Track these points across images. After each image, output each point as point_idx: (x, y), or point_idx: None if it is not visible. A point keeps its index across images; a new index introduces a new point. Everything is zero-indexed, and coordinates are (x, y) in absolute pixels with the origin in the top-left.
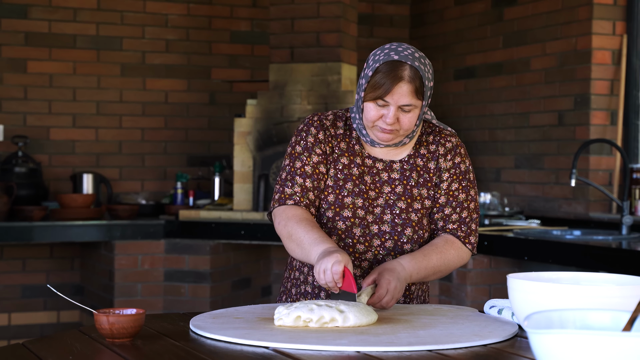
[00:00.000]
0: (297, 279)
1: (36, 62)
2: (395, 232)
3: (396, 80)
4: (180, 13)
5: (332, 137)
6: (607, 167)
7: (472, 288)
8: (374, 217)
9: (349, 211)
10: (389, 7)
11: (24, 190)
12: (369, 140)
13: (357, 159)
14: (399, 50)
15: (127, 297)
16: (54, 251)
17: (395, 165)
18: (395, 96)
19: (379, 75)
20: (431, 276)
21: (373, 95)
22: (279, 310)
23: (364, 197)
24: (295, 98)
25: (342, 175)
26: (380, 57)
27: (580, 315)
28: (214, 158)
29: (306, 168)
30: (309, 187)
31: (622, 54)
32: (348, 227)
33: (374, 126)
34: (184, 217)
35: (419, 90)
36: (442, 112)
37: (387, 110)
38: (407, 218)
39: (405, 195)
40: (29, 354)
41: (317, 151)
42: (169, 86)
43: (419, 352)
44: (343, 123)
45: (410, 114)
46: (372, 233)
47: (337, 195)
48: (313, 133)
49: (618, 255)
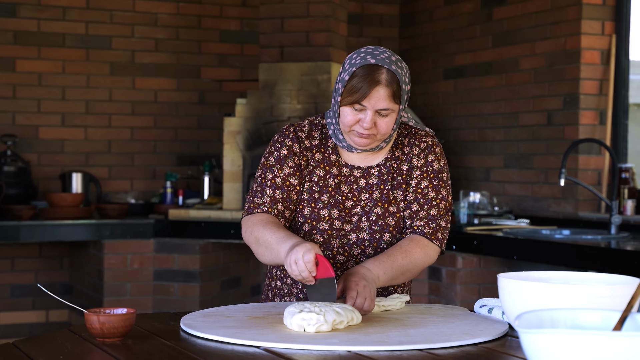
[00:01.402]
0: (280, 289)
1: (25, 61)
2: (374, 239)
3: (373, 84)
4: (169, 12)
5: (307, 150)
6: (595, 166)
7: (461, 287)
8: (352, 226)
9: (325, 223)
10: (379, 6)
11: (13, 189)
12: (346, 146)
13: (333, 169)
14: (375, 53)
15: (116, 296)
16: (43, 250)
17: (372, 170)
18: (372, 100)
19: (355, 79)
20: (400, 277)
21: (350, 99)
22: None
23: (340, 208)
24: (285, 97)
25: (318, 187)
26: (357, 60)
27: (571, 315)
28: (203, 157)
29: (276, 180)
30: (278, 199)
31: (611, 54)
32: (326, 239)
33: (351, 131)
34: (174, 216)
35: (396, 94)
36: (432, 111)
37: (364, 115)
38: (385, 224)
39: (382, 200)
40: (19, 354)
41: (290, 163)
42: (158, 85)
43: (409, 351)
44: (319, 132)
45: (388, 118)
46: (351, 242)
47: (312, 209)
48: (288, 145)
49: (607, 254)
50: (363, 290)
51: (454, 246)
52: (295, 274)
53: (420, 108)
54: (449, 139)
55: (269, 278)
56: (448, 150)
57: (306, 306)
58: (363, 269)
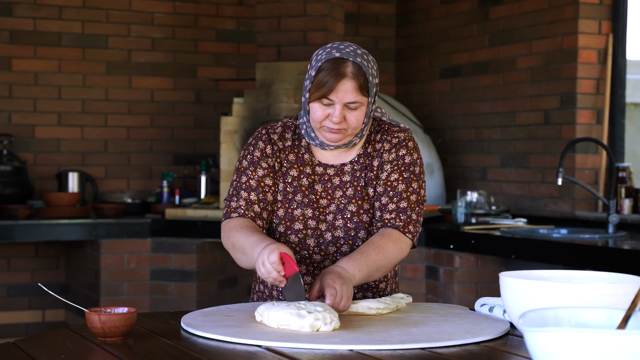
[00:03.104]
0: (262, 292)
1: (21, 60)
2: (349, 237)
3: (339, 77)
4: (166, 11)
5: (280, 151)
6: (593, 165)
7: (459, 286)
8: (327, 225)
9: (299, 223)
10: (375, 5)
11: (9, 188)
12: (319, 143)
13: (306, 169)
14: (340, 47)
15: (113, 296)
16: (39, 250)
17: (346, 167)
18: (339, 94)
19: (322, 73)
20: (375, 273)
21: (318, 94)
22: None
23: (314, 207)
24: (281, 96)
25: (292, 187)
26: (322, 56)
27: (575, 314)
28: (200, 156)
29: (251, 182)
30: (254, 200)
31: (607, 53)
32: (301, 239)
33: (322, 127)
34: (170, 215)
35: (364, 86)
36: (428, 110)
37: (333, 109)
38: (359, 220)
39: (356, 197)
40: (20, 353)
41: (263, 165)
42: (154, 84)
43: (412, 350)
44: (291, 133)
45: (357, 112)
46: (327, 241)
47: (286, 209)
48: (260, 147)
49: (605, 253)
50: (341, 289)
51: (451, 245)
52: (265, 277)
53: (417, 107)
54: (446, 138)
55: (254, 282)
56: (445, 149)
57: (287, 305)
58: (338, 268)
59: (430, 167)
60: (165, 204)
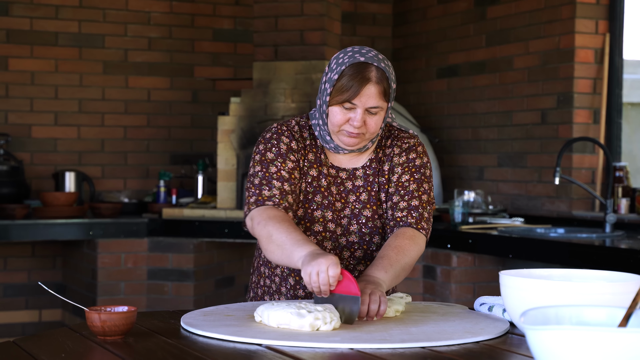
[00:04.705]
0: (268, 287)
1: (18, 60)
2: (364, 242)
3: (364, 82)
4: (162, 11)
5: (303, 148)
6: (590, 165)
7: (456, 286)
8: (342, 230)
9: (319, 225)
10: (372, 5)
11: (6, 188)
12: (333, 147)
13: (324, 169)
14: (363, 52)
15: (110, 295)
16: (36, 250)
17: (358, 172)
18: (363, 98)
19: (345, 78)
20: (401, 273)
21: (340, 98)
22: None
23: (332, 209)
24: (279, 96)
25: (312, 188)
26: (345, 59)
27: (576, 312)
28: (197, 156)
29: (282, 172)
30: (287, 191)
31: (604, 53)
32: (319, 241)
33: (340, 131)
34: (167, 215)
35: (386, 91)
36: (425, 110)
37: (354, 114)
38: (374, 226)
39: (370, 202)
40: (20, 352)
41: (292, 157)
42: (151, 84)
43: (412, 349)
44: (308, 133)
45: (377, 117)
46: (342, 245)
47: (306, 210)
48: (285, 141)
49: (602, 253)
50: (374, 295)
51: (448, 245)
52: (313, 285)
53: (414, 107)
54: (443, 137)
55: (257, 276)
56: (442, 149)
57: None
58: (365, 277)
59: None
60: (162, 203)
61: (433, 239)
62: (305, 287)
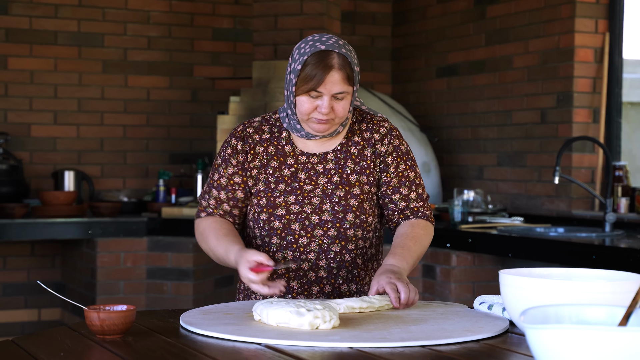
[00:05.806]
0: (247, 289)
1: (17, 59)
2: (337, 220)
3: (327, 70)
4: (162, 10)
5: (256, 143)
6: (589, 164)
7: (455, 285)
8: (313, 208)
9: (282, 209)
10: (371, 4)
11: (5, 187)
12: (304, 134)
13: (288, 160)
14: (323, 40)
15: (109, 294)
16: (35, 249)
17: (329, 155)
18: (328, 85)
19: (308, 67)
20: (416, 262)
21: (306, 87)
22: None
23: (297, 193)
24: (278, 95)
25: (273, 178)
26: (307, 49)
27: (576, 311)
28: (196, 155)
29: (222, 180)
30: (223, 199)
31: (604, 52)
32: (285, 224)
33: (309, 119)
34: (167, 214)
35: (350, 76)
36: (425, 109)
37: (321, 101)
38: (347, 204)
39: (342, 183)
40: (19, 351)
41: (233, 162)
42: (150, 83)
43: (411, 347)
44: (270, 127)
45: (344, 102)
46: (314, 224)
47: (268, 198)
48: (232, 144)
49: (602, 252)
50: (401, 284)
51: (448, 244)
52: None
53: (413, 106)
54: (442, 137)
55: (239, 281)
56: (441, 148)
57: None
58: (388, 266)
59: (427, 166)
60: (161, 202)
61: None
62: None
